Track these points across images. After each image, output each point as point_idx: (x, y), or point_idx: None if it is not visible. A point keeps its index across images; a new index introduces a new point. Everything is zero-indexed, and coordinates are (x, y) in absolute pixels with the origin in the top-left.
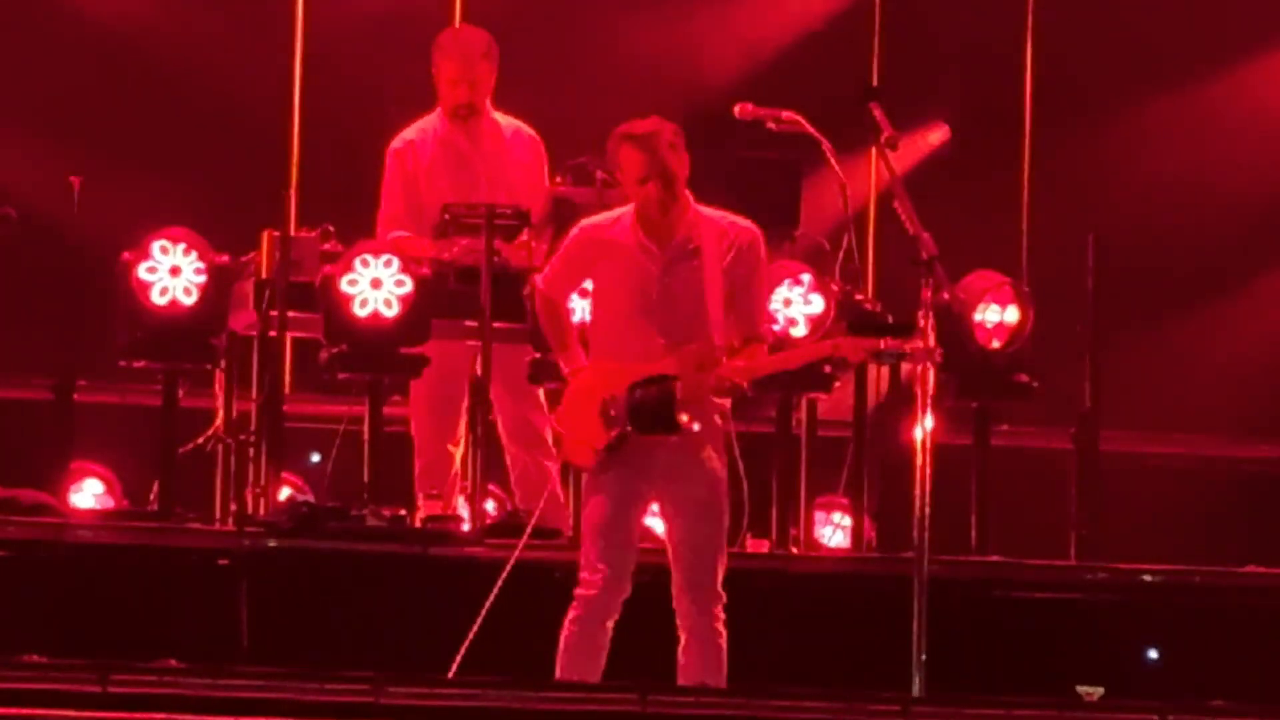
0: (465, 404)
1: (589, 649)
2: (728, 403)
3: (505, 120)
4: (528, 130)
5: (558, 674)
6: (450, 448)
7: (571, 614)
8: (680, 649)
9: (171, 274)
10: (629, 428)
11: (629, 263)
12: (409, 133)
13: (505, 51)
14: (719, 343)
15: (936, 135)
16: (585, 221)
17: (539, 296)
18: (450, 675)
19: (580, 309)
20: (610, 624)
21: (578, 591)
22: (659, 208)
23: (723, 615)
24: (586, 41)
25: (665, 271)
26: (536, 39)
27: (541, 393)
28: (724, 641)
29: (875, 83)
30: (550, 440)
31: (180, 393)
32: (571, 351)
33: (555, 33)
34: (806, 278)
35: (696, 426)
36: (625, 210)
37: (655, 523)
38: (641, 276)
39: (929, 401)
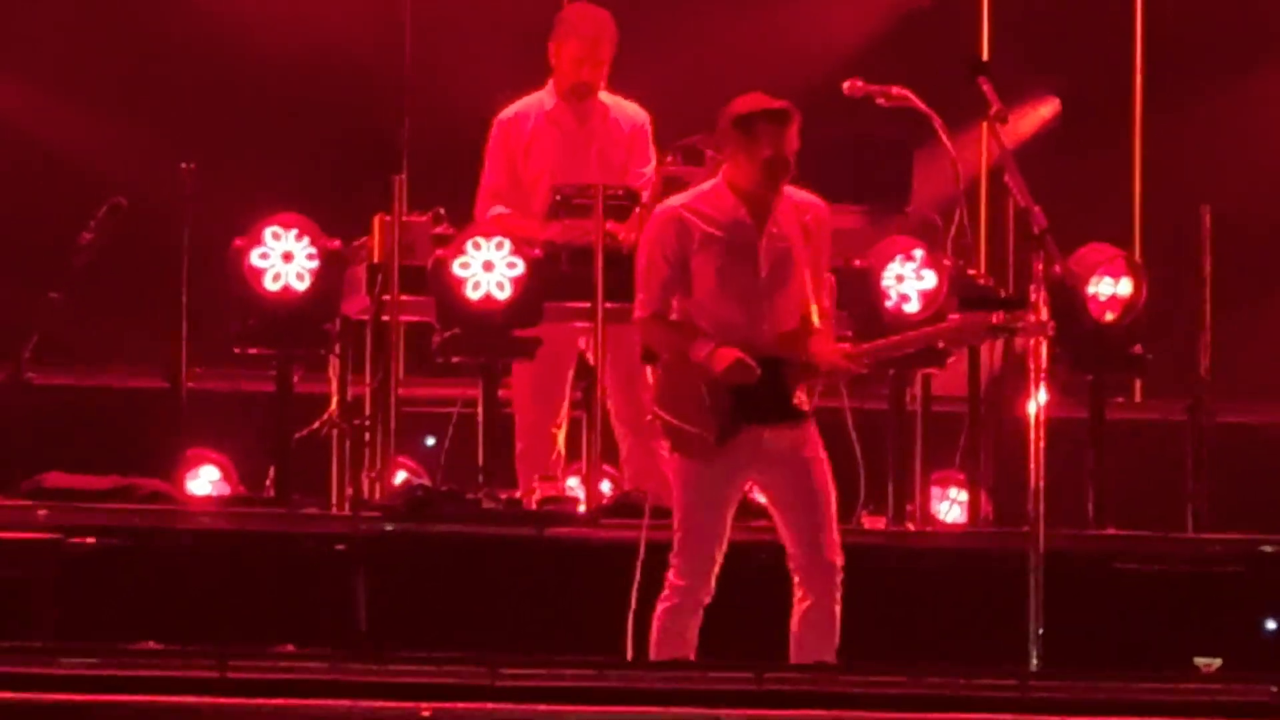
0: (568, 386)
1: (682, 634)
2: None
3: (613, 100)
4: (636, 109)
5: (652, 657)
6: (552, 430)
7: (664, 602)
8: (795, 620)
9: (284, 260)
10: (739, 414)
11: (727, 243)
12: (517, 106)
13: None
14: (811, 317)
15: (1047, 108)
16: (669, 204)
17: (641, 324)
18: (629, 658)
19: None
20: (701, 609)
21: (669, 578)
22: (772, 186)
23: (840, 586)
24: (692, 19)
25: (765, 252)
26: (642, 16)
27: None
28: (839, 611)
29: (984, 57)
30: None
31: (294, 378)
32: (699, 340)
33: (661, 10)
34: (919, 253)
35: (807, 408)
36: (707, 188)
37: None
38: (740, 255)
39: (1043, 375)
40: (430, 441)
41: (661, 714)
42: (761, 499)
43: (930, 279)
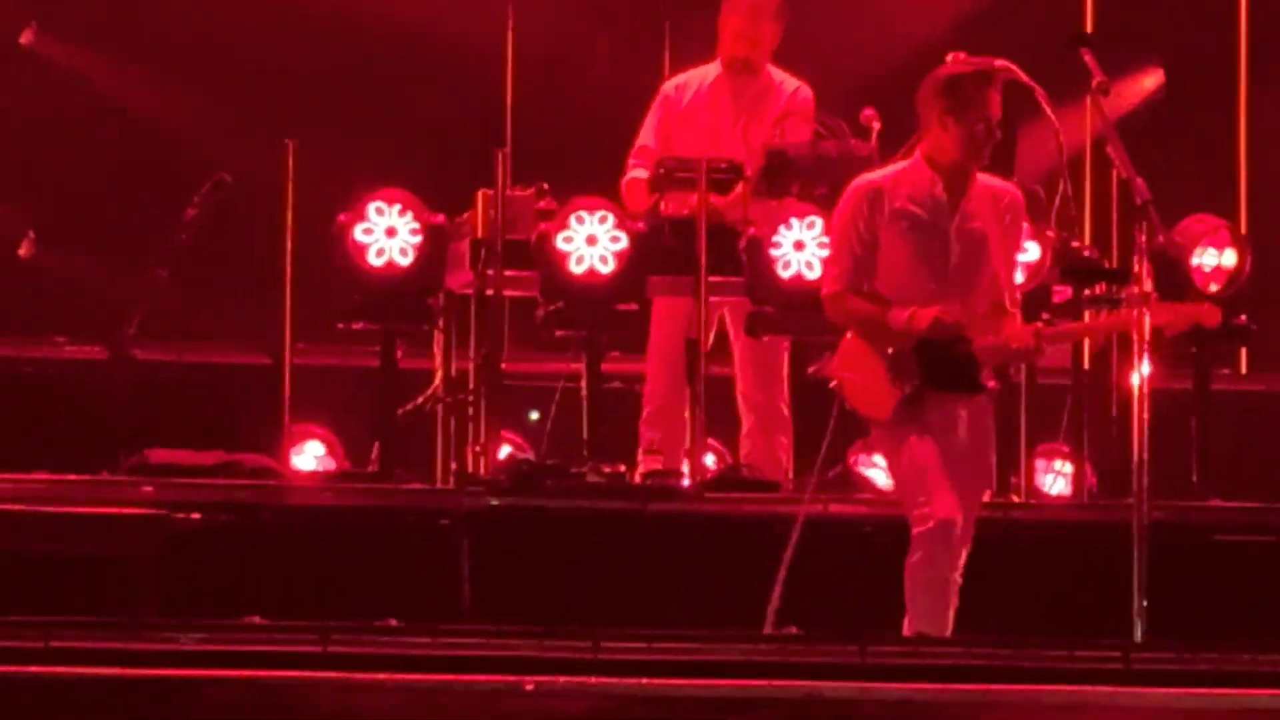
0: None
1: (937, 585)
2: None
3: (781, 76)
4: (799, 85)
5: (908, 615)
6: (678, 399)
7: (912, 556)
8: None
9: (388, 235)
10: (925, 383)
11: (921, 220)
12: (682, 76)
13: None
14: (1004, 301)
15: (1151, 80)
16: (864, 178)
17: (828, 300)
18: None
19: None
20: (954, 556)
21: (914, 531)
22: (977, 154)
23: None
24: None
25: (959, 229)
26: None
27: (785, 362)
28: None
29: (1088, 29)
30: (784, 409)
31: (398, 353)
32: (895, 307)
33: None
34: (1023, 225)
35: (992, 384)
36: (907, 163)
37: (877, 474)
38: (933, 233)
39: (1146, 347)
40: (534, 416)
41: (764, 687)
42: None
43: (1034, 251)
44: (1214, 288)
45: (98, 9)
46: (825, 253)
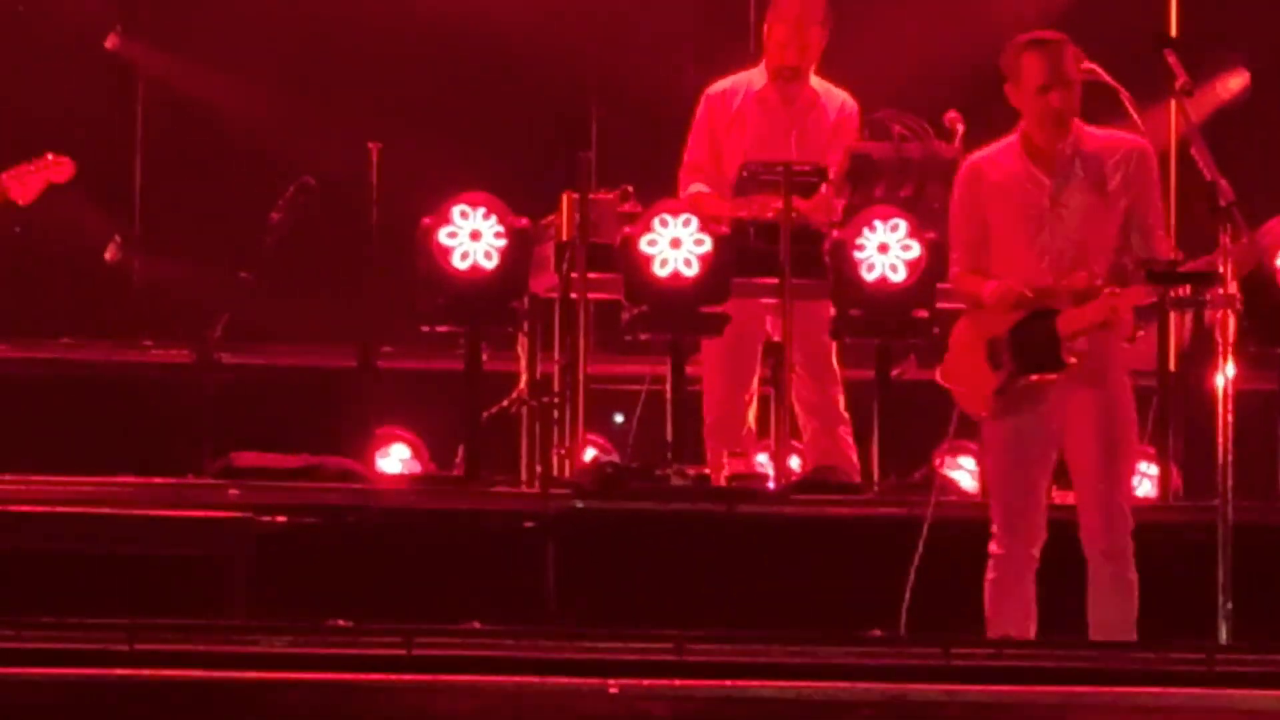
0: (757, 362)
1: (1013, 603)
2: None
3: (823, 86)
4: (845, 97)
5: (988, 631)
6: (741, 405)
7: (989, 574)
8: (1091, 590)
9: (472, 238)
10: (1015, 369)
11: (1017, 197)
12: (726, 82)
13: None
14: (1103, 270)
15: (1236, 81)
16: (968, 159)
17: (952, 283)
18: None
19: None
20: (1030, 574)
21: (990, 548)
22: (1057, 120)
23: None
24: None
25: (1054, 200)
26: None
27: (835, 360)
28: (1135, 580)
29: (1172, 31)
30: (841, 404)
31: (483, 356)
32: (986, 284)
33: None
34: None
35: (1073, 360)
36: (1007, 141)
37: (963, 476)
38: (1029, 210)
39: (1231, 349)
40: (619, 418)
41: (848, 689)
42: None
43: None
44: None
45: (182, 13)
46: (909, 255)
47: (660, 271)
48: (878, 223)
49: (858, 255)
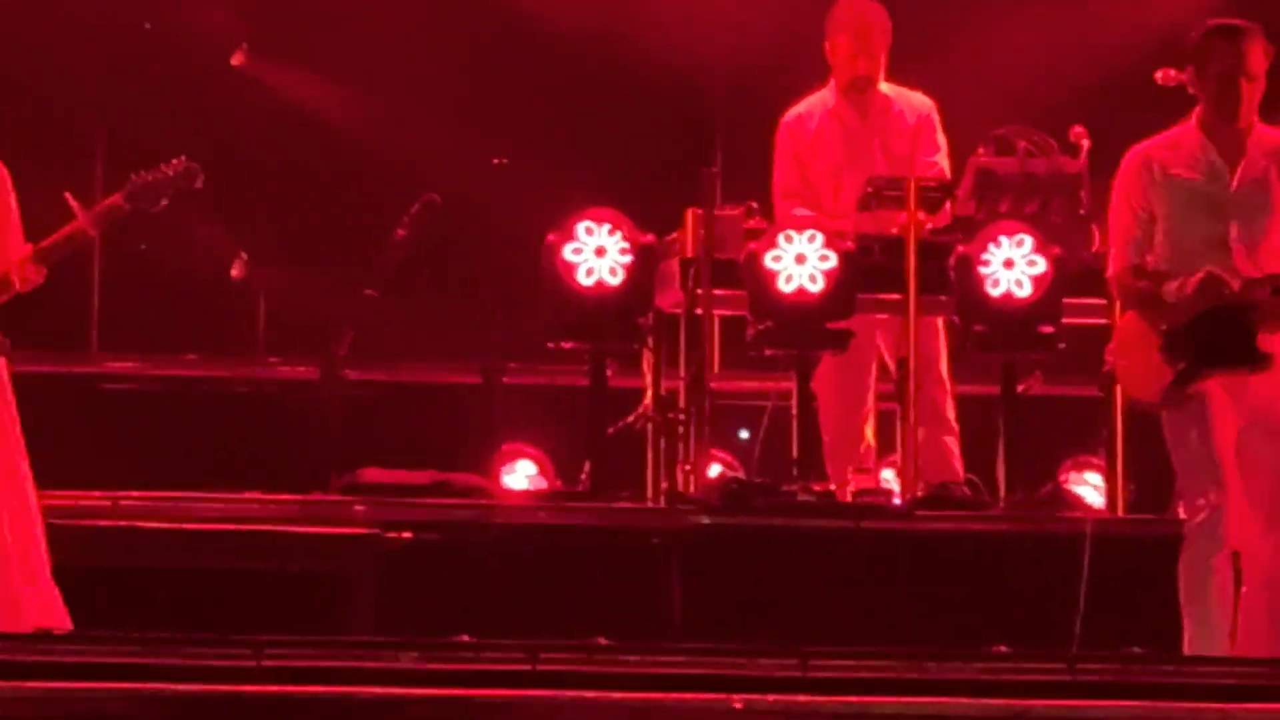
0: (872, 377)
1: (1201, 580)
2: None
3: (895, 90)
4: (920, 98)
5: (1183, 612)
6: (858, 422)
7: (1183, 553)
8: (1245, 594)
9: (597, 254)
10: (1199, 362)
11: (1197, 189)
12: (799, 107)
13: (921, 19)
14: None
15: None
16: (1136, 148)
17: (1112, 281)
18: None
19: None
20: (1220, 554)
21: (1186, 524)
22: (1242, 109)
23: None
24: (998, 7)
25: (1237, 196)
26: (949, 3)
27: (945, 365)
28: None
29: None
30: (949, 413)
31: (608, 372)
32: (1166, 282)
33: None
34: None
35: (1271, 354)
36: (1175, 131)
37: (1088, 491)
38: (1211, 202)
39: None
40: (744, 434)
41: (970, 705)
42: None
43: None
44: None
45: (307, 29)
46: (1035, 271)
47: (785, 287)
48: (1003, 238)
49: (983, 271)
